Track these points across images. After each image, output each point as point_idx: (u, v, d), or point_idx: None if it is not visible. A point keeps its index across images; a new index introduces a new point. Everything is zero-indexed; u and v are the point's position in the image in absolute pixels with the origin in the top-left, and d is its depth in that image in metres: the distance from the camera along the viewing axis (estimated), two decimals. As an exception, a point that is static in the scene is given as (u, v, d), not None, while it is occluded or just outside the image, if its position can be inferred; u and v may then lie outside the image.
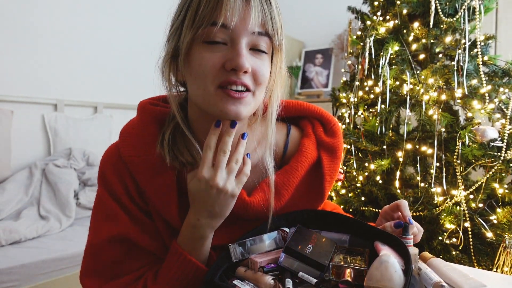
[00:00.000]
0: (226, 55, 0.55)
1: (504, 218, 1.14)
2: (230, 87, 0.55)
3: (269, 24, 0.55)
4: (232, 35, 0.54)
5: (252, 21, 0.53)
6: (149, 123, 0.65)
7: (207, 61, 0.55)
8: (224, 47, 0.55)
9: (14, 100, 2.18)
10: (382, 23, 1.48)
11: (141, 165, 0.62)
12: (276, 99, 0.64)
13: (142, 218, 0.64)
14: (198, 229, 0.59)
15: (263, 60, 0.58)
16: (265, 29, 0.56)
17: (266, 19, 0.55)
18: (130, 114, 2.82)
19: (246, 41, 0.55)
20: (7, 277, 1.45)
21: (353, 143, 1.46)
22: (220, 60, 0.55)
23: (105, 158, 0.66)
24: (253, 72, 0.56)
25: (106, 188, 0.64)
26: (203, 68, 0.55)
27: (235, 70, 0.54)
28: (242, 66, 0.53)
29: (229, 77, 0.55)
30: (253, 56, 0.57)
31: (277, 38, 0.57)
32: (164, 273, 0.60)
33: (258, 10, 0.54)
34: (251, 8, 0.53)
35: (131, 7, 2.80)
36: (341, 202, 1.49)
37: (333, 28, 3.14)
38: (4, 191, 1.91)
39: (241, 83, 0.55)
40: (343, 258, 0.55)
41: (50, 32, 2.36)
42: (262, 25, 0.55)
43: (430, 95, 1.31)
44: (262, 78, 0.58)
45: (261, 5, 0.54)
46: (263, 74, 0.58)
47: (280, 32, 0.57)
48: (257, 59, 0.57)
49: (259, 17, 0.54)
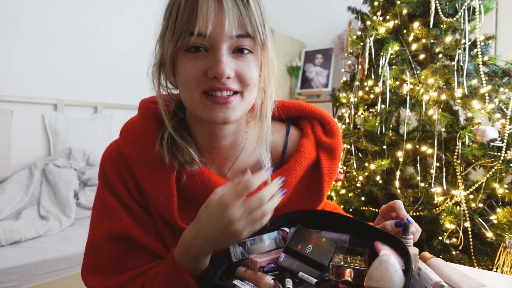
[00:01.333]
0: (207, 62, 0.55)
1: (504, 218, 1.14)
2: (215, 94, 0.56)
3: (248, 25, 0.54)
4: (211, 42, 0.54)
5: (228, 26, 0.53)
6: (149, 121, 0.65)
7: (190, 70, 0.55)
8: (206, 53, 0.55)
9: (14, 100, 2.18)
10: (382, 23, 1.48)
11: (141, 163, 0.63)
12: (271, 96, 0.64)
13: (141, 215, 0.64)
14: (194, 248, 0.56)
15: (248, 61, 0.57)
16: (245, 31, 0.55)
17: (243, 21, 0.54)
18: (130, 114, 2.80)
19: (227, 46, 0.55)
20: (7, 277, 1.45)
21: (353, 143, 1.46)
22: (202, 68, 0.55)
23: (106, 155, 0.67)
24: (237, 75, 0.56)
25: (106, 185, 0.65)
26: (187, 76, 0.56)
27: (217, 78, 0.54)
28: (222, 74, 0.53)
29: (213, 84, 0.55)
30: (237, 59, 0.56)
31: (259, 37, 0.56)
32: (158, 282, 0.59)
33: (232, 13, 0.53)
34: (224, 13, 0.52)
35: (131, 7, 2.79)
36: (341, 202, 1.49)
37: (333, 28, 3.14)
38: (4, 191, 1.91)
39: (226, 89, 0.55)
40: (343, 258, 0.55)
41: (50, 32, 2.36)
42: (241, 27, 0.54)
43: (430, 95, 1.31)
44: (248, 79, 0.57)
45: (236, 7, 0.53)
46: (249, 75, 0.57)
47: (262, 30, 0.56)
48: (241, 61, 0.57)
49: (235, 20, 0.53)
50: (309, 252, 0.55)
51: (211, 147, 0.66)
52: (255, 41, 0.57)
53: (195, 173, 0.64)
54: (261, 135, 0.65)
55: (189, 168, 0.63)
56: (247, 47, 0.56)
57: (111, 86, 2.72)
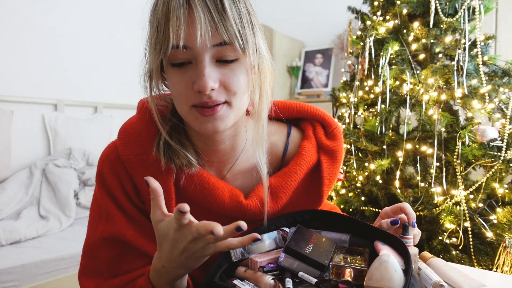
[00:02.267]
0: (192, 75, 0.54)
1: (504, 218, 1.14)
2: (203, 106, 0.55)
3: (223, 33, 0.51)
4: (192, 54, 0.53)
5: (200, 37, 0.50)
6: (148, 122, 0.64)
7: (178, 84, 0.55)
8: (191, 65, 0.54)
9: (14, 100, 2.18)
10: (382, 23, 1.48)
11: (139, 165, 0.62)
12: (266, 95, 0.62)
13: (138, 218, 0.64)
14: (164, 275, 0.54)
15: (234, 69, 0.55)
16: (221, 39, 0.52)
17: (218, 29, 0.51)
18: (130, 114, 2.80)
19: (209, 56, 0.53)
20: (7, 277, 1.45)
21: (353, 143, 1.46)
22: (189, 82, 0.54)
23: (103, 156, 0.66)
24: (223, 84, 0.55)
25: (104, 187, 0.64)
26: (176, 90, 0.56)
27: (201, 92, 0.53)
28: (205, 88, 0.52)
29: (201, 98, 0.54)
30: (221, 67, 0.55)
31: (238, 43, 0.53)
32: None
33: (205, 24, 0.50)
34: (195, 24, 0.50)
35: (131, 7, 2.79)
36: (341, 202, 1.49)
37: (333, 28, 3.14)
38: (4, 191, 1.91)
39: (213, 102, 0.54)
40: (343, 258, 0.55)
41: (50, 32, 2.36)
42: (216, 37, 0.52)
43: (430, 95, 1.31)
44: (235, 87, 0.55)
45: (209, 15, 0.51)
46: (235, 83, 0.55)
47: (241, 36, 0.53)
48: (226, 69, 0.55)
49: (208, 30, 0.51)
50: (309, 252, 0.55)
51: (209, 150, 0.66)
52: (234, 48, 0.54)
53: (193, 176, 0.63)
54: (257, 136, 0.63)
55: (187, 171, 0.62)
56: (230, 55, 0.54)
57: (111, 86, 2.72)
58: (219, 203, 0.63)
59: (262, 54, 0.60)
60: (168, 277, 0.54)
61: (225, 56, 0.54)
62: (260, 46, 0.59)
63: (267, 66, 0.61)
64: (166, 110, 0.66)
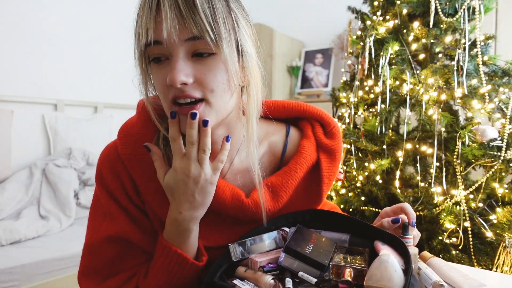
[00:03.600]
0: (168, 71, 0.54)
1: (504, 217, 1.14)
2: (180, 102, 0.55)
3: (193, 27, 0.51)
4: (166, 49, 0.53)
5: (168, 32, 0.50)
6: (147, 121, 0.65)
7: (158, 80, 0.56)
8: (168, 61, 0.55)
9: (14, 100, 2.18)
10: (382, 23, 1.48)
11: (139, 164, 0.62)
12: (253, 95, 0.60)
13: (139, 217, 0.64)
14: (181, 223, 0.58)
15: (209, 65, 0.54)
16: (190, 34, 0.51)
17: (186, 23, 0.51)
18: (130, 114, 2.80)
19: (183, 50, 0.53)
20: (7, 277, 1.45)
21: (353, 143, 1.46)
22: (165, 77, 0.54)
23: (103, 156, 0.66)
24: (197, 80, 0.54)
25: (104, 186, 0.64)
26: (157, 86, 0.57)
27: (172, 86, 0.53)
28: (174, 81, 0.51)
29: (175, 92, 0.54)
30: (197, 62, 0.54)
31: (208, 37, 0.51)
32: (152, 268, 0.61)
33: (171, 19, 0.50)
34: (162, 19, 0.51)
35: (131, 7, 2.79)
36: (341, 202, 1.49)
37: (333, 28, 3.14)
38: (4, 191, 1.91)
39: (185, 96, 0.54)
40: (343, 258, 0.55)
41: (51, 32, 2.36)
42: (186, 30, 0.51)
43: (430, 95, 1.31)
44: (211, 84, 0.54)
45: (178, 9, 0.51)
46: (210, 79, 0.54)
47: (212, 30, 0.52)
48: (201, 65, 0.54)
49: (175, 25, 0.50)
50: (309, 252, 0.55)
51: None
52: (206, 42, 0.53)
53: None
54: (247, 136, 0.62)
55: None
56: (204, 49, 0.53)
57: (111, 86, 2.72)
58: (220, 202, 0.63)
59: (247, 52, 0.58)
60: (185, 225, 0.59)
61: (199, 50, 0.53)
62: (244, 44, 0.58)
63: (253, 66, 0.59)
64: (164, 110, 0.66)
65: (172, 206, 0.59)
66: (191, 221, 0.59)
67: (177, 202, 0.58)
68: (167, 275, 0.60)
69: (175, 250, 0.59)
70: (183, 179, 0.56)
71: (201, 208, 0.59)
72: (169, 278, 0.60)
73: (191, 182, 0.56)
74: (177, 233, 0.59)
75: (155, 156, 0.59)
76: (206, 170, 0.56)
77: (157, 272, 0.60)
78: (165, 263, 0.59)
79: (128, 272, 0.63)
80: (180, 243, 0.60)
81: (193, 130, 0.55)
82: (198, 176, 0.56)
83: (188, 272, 0.60)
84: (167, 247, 0.59)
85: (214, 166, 0.58)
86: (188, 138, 0.55)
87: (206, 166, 0.56)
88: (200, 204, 0.58)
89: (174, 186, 0.57)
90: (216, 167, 0.58)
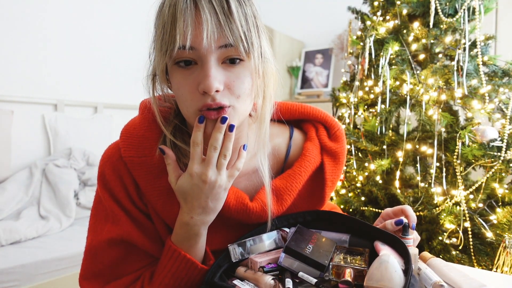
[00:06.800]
0: (198, 77, 0.53)
1: (504, 218, 1.14)
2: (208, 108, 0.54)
3: (229, 35, 0.51)
4: (198, 54, 0.53)
5: (208, 38, 0.51)
6: (151, 123, 0.64)
7: (183, 86, 0.55)
8: (196, 66, 0.54)
9: (14, 100, 2.18)
10: (382, 23, 1.48)
11: (143, 166, 0.61)
12: (269, 99, 0.62)
13: (142, 220, 0.63)
14: (192, 227, 0.58)
15: (238, 72, 0.55)
16: (226, 42, 0.52)
17: (224, 31, 0.51)
18: (130, 114, 2.82)
19: (215, 57, 0.53)
20: (7, 277, 1.45)
21: (353, 143, 1.46)
22: (194, 83, 0.54)
23: (105, 158, 0.65)
24: (227, 87, 0.54)
25: (106, 189, 0.63)
26: (181, 92, 0.55)
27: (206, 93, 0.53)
28: (210, 89, 0.51)
29: (205, 101, 0.53)
30: (226, 69, 0.54)
31: (242, 46, 0.52)
32: (159, 272, 0.60)
33: (211, 25, 0.50)
34: (202, 25, 0.50)
35: (131, 7, 2.80)
36: (341, 202, 1.49)
37: (333, 28, 3.14)
38: (4, 191, 1.91)
39: (217, 105, 0.53)
40: (343, 258, 0.55)
41: (51, 32, 2.36)
42: (221, 38, 0.52)
43: (430, 95, 1.31)
44: (239, 91, 0.55)
45: (216, 17, 0.51)
46: (239, 86, 0.55)
47: (246, 39, 0.53)
48: (231, 72, 0.54)
49: (214, 32, 0.51)
50: (309, 252, 0.55)
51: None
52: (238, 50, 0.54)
53: None
54: (259, 139, 0.63)
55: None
56: (236, 56, 0.54)
57: (111, 86, 2.72)
58: (224, 205, 0.63)
59: (267, 58, 0.59)
60: (195, 230, 0.58)
61: (230, 57, 0.54)
62: (265, 49, 0.59)
63: (271, 70, 0.61)
64: (169, 112, 0.66)
65: (183, 210, 0.58)
66: (202, 225, 0.59)
67: (189, 206, 0.57)
68: (175, 279, 0.59)
69: (184, 255, 0.59)
70: (199, 184, 0.55)
71: (212, 213, 0.59)
72: (177, 282, 0.59)
73: (207, 188, 0.55)
74: (187, 237, 0.59)
75: (169, 160, 0.58)
76: (223, 176, 0.56)
77: (164, 276, 0.59)
78: (173, 267, 0.59)
79: (132, 275, 0.63)
80: (189, 247, 0.60)
81: (220, 134, 0.55)
82: (214, 182, 0.55)
83: (196, 276, 0.60)
84: (176, 251, 0.59)
85: (230, 173, 0.58)
86: (213, 142, 0.55)
87: (223, 172, 0.56)
88: (212, 209, 0.58)
89: (188, 190, 0.56)
90: (232, 174, 0.58)
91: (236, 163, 0.58)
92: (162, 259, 0.60)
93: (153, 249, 0.64)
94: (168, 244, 0.60)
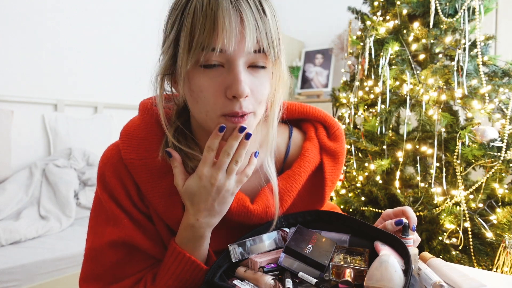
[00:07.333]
0: (225, 81, 0.52)
1: (504, 218, 1.14)
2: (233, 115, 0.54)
3: (264, 40, 0.52)
4: (229, 58, 0.52)
5: (248, 42, 0.50)
6: (152, 125, 0.63)
7: (207, 89, 0.53)
8: (222, 69, 0.53)
9: (14, 100, 2.18)
10: (382, 23, 1.48)
11: (144, 168, 0.61)
12: (278, 102, 0.62)
13: (143, 222, 0.63)
14: (198, 229, 0.58)
15: (262, 78, 0.55)
16: (261, 46, 0.52)
17: (261, 36, 0.51)
18: (130, 114, 2.81)
19: (244, 61, 0.53)
20: (7, 277, 1.45)
21: (353, 143, 1.46)
22: (221, 87, 0.52)
23: (105, 159, 0.64)
24: (252, 92, 0.54)
25: (106, 190, 0.63)
26: (204, 94, 0.53)
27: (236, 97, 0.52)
28: (242, 93, 0.51)
29: (233, 108, 0.53)
30: (251, 74, 0.54)
31: (273, 53, 0.53)
32: (163, 274, 0.60)
33: (253, 29, 0.50)
34: (246, 29, 0.50)
35: (131, 7, 2.80)
36: (341, 202, 1.49)
37: (333, 28, 3.14)
38: (4, 191, 1.91)
39: (243, 113, 0.53)
40: (343, 258, 0.55)
41: (50, 32, 2.36)
42: (258, 43, 0.52)
43: (430, 95, 1.31)
44: (261, 97, 0.56)
45: (256, 21, 0.51)
46: (262, 92, 0.55)
47: (277, 45, 0.54)
48: (255, 77, 0.54)
49: (254, 36, 0.51)
50: (309, 252, 0.55)
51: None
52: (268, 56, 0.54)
53: None
54: (266, 140, 0.63)
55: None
56: (262, 62, 0.54)
57: (111, 86, 2.72)
58: None
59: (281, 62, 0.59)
60: (201, 232, 0.59)
61: (257, 63, 0.54)
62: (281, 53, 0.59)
63: (284, 75, 0.60)
64: (170, 113, 0.65)
65: (189, 212, 0.58)
66: (207, 228, 0.59)
67: (195, 209, 0.57)
68: (179, 281, 0.59)
69: (189, 257, 0.58)
70: (207, 186, 0.55)
71: (218, 216, 0.59)
72: (181, 284, 0.59)
73: (214, 191, 0.56)
74: (192, 239, 0.59)
75: (176, 163, 0.58)
76: (231, 180, 0.57)
77: (169, 278, 0.59)
78: (178, 269, 0.59)
79: (133, 277, 0.62)
80: (194, 249, 0.60)
81: (236, 142, 0.55)
82: (222, 185, 0.56)
83: (200, 278, 0.60)
84: (181, 254, 0.59)
85: (238, 179, 0.58)
86: (227, 149, 0.55)
87: (232, 177, 0.57)
88: (218, 212, 0.58)
89: (195, 192, 0.56)
90: (241, 180, 0.58)
91: (246, 170, 0.58)
92: (166, 261, 0.60)
93: (155, 251, 0.63)
94: (172, 246, 0.60)
